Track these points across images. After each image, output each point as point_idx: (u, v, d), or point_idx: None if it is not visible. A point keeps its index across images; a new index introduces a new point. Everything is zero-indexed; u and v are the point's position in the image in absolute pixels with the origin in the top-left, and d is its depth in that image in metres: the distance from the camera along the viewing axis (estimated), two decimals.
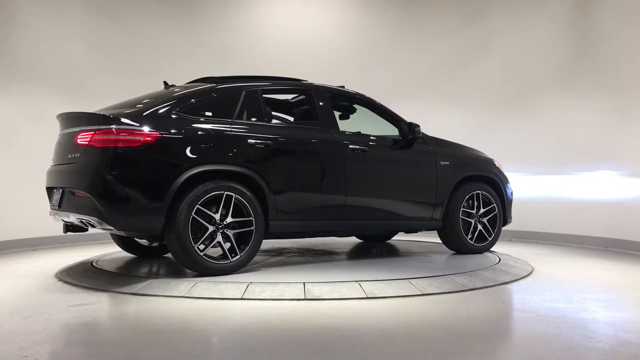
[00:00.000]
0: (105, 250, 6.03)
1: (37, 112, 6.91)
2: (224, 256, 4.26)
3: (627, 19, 6.57)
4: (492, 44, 8.09)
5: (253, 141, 4.39)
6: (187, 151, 4.14)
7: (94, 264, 4.98)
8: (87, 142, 4.11)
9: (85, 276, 4.47)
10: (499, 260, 5.16)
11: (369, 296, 3.78)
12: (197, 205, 4.09)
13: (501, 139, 7.54)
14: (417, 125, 5.12)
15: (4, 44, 6.65)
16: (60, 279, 4.53)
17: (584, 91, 7.14)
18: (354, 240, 6.68)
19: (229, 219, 4.22)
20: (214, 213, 4.18)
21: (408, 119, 5.28)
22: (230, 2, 8.43)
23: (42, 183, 5.03)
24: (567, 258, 5.95)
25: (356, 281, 4.05)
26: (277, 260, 5.23)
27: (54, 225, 5.28)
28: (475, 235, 5.48)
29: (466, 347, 2.80)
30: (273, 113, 5.20)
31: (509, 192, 5.78)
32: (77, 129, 4.29)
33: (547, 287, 4.31)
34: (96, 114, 4.30)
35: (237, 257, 4.29)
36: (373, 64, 8.43)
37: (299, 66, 7.99)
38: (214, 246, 4.22)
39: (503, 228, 5.80)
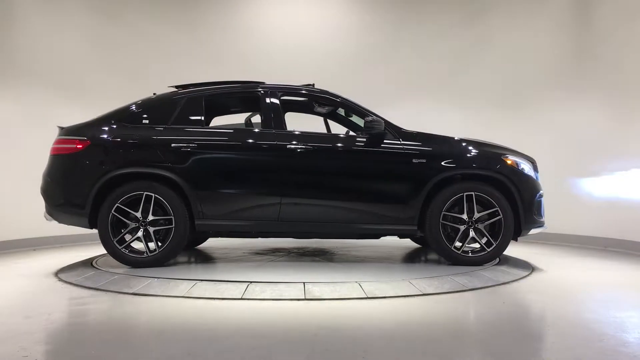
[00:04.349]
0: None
1: (37, 112, 6.92)
2: (146, 251, 4.72)
3: (626, 18, 6.57)
4: (492, 44, 8.10)
5: (177, 145, 4.72)
6: (111, 156, 4.74)
7: (94, 264, 5.00)
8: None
9: (85, 276, 4.47)
10: (499, 260, 5.15)
11: (369, 296, 3.78)
12: (117, 204, 4.64)
13: (501, 139, 7.52)
14: (373, 121, 4.70)
15: (3, 43, 6.65)
16: (60, 279, 4.54)
17: (583, 91, 7.14)
18: (355, 240, 6.67)
19: (150, 217, 4.67)
20: (145, 211, 4.66)
21: (407, 119, 5.25)
22: (230, 2, 8.44)
23: None
24: (567, 258, 5.95)
25: (356, 281, 4.06)
26: (277, 260, 5.23)
27: (53, 225, 5.30)
28: (466, 244, 4.82)
29: (466, 347, 2.80)
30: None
31: (526, 194, 4.83)
32: None
33: (547, 287, 4.31)
34: (59, 126, 4.98)
35: (155, 252, 4.70)
36: (373, 64, 8.44)
37: (299, 66, 8.00)
38: (152, 241, 4.73)
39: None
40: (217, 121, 6.05)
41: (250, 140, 4.84)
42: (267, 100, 4.95)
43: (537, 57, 7.64)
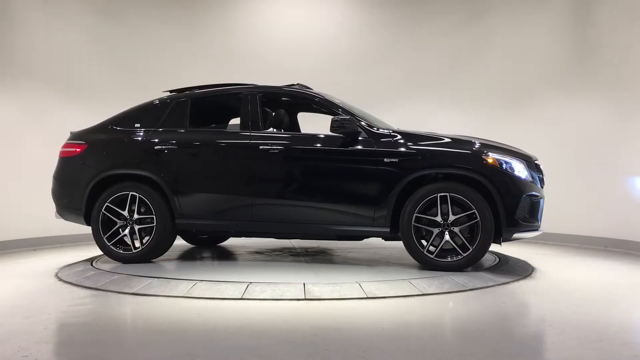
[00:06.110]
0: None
1: (37, 112, 6.91)
2: (132, 247, 4.93)
3: (626, 18, 6.57)
4: (493, 44, 8.09)
5: (159, 147, 4.93)
6: (103, 158, 5.07)
7: (93, 264, 5.00)
8: None
9: (85, 276, 4.47)
10: (499, 260, 5.15)
11: (369, 296, 3.78)
12: (107, 203, 4.91)
13: (501, 139, 7.53)
14: (342, 121, 4.52)
15: (3, 42, 6.65)
16: (60, 279, 4.54)
17: (583, 91, 7.14)
18: (355, 241, 6.65)
19: (135, 216, 4.90)
20: (132, 210, 4.90)
21: (407, 119, 5.23)
22: (230, 2, 8.43)
23: (42, 183, 5.13)
24: (567, 258, 5.95)
25: (356, 281, 4.06)
26: (277, 260, 5.24)
27: (54, 225, 5.32)
28: (440, 248, 4.46)
29: (466, 348, 2.80)
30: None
31: (508, 195, 4.39)
32: None
33: (548, 287, 4.30)
34: (71, 131, 5.34)
35: (139, 248, 4.89)
36: (373, 64, 8.43)
37: (299, 67, 8.00)
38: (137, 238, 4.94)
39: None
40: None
41: (222, 142, 4.94)
42: (245, 102, 4.98)
43: (537, 57, 7.64)
